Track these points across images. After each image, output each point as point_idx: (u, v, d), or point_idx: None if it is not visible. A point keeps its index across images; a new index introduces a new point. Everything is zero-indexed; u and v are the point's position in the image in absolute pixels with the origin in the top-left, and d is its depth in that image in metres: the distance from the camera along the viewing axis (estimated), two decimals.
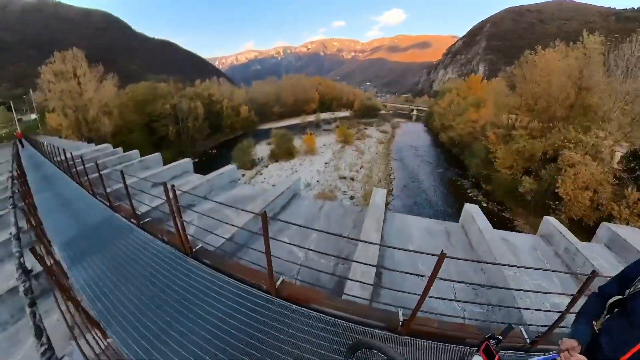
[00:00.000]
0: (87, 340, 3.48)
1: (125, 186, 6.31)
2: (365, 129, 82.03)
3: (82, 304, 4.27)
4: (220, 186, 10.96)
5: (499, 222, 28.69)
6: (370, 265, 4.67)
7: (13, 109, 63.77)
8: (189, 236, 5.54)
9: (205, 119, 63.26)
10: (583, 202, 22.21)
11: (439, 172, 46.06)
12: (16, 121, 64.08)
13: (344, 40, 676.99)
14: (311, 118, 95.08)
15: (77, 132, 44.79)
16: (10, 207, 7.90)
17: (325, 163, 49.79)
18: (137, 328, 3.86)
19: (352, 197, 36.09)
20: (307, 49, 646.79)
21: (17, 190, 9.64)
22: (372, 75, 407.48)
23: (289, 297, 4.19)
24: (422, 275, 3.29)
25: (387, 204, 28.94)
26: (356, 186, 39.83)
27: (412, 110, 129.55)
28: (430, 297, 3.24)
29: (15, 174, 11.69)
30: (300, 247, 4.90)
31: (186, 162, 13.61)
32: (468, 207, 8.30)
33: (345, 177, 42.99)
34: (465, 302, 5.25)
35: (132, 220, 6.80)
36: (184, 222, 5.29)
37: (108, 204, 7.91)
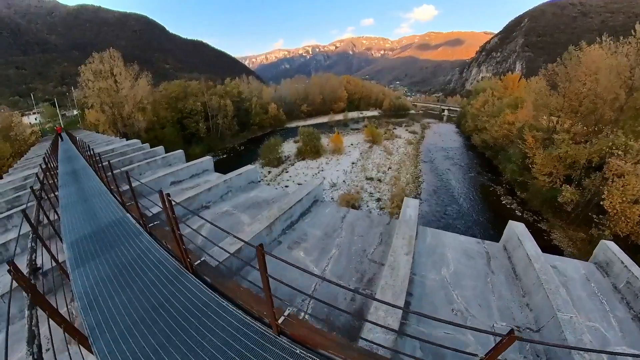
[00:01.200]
0: (70, 355, 3.17)
1: (131, 188, 5.71)
2: (394, 129, 79.56)
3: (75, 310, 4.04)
4: (238, 187, 10.26)
5: (534, 234, 26.37)
6: (396, 307, 3.50)
7: (57, 105, 69.06)
8: (195, 244, 5.02)
9: (234, 116, 64.11)
10: (632, 218, 19.65)
11: (470, 176, 43.35)
12: (59, 116, 69.10)
13: (372, 38, 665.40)
14: (339, 117, 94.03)
15: (113, 128, 46.76)
16: (36, 200, 7.61)
17: (352, 163, 48.46)
18: (125, 349, 3.48)
19: (378, 200, 34.51)
20: (336, 47, 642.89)
21: (46, 183, 9.45)
22: (402, 73, 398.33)
23: (294, 337, 3.41)
24: (475, 355, 2.27)
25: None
26: (383, 188, 38.12)
27: (443, 110, 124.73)
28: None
29: (46, 166, 11.67)
30: (312, 274, 3.97)
31: (207, 161, 13.06)
32: (513, 225, 7.11)
33: (372, 178, 41.41)
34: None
35: (141, 222, 6.16)
36: (193, 230, 4.91)
37: (121, 203, 7.34)
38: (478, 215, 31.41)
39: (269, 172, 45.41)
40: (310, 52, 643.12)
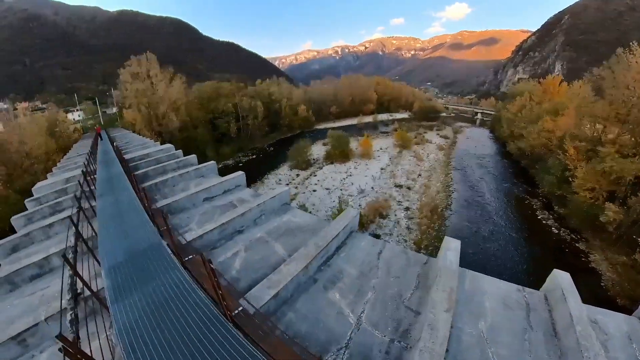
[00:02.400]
0: None
1: (166, 222, 5.32)
2: (425, 132, 76.87)
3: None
4: (271, 210, 9.87)
5: (571, 254, 24.21)
6: None
7: (98, 103, 73.82)
8: (231, 275, 5.05)
9: (264, 117, 64.78)
10: None
11: (504, 187, 40.73)
12: (100, 114, 73.51)
13: (403, 38, 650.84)
14: (368, 119, 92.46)
15: (149, 127, 48.36)
16: (76, 209, 7.48)
17: (381, 169, 47.16)
18: None
19: (407, 209, 33.21)
20: (365, 48, 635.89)
21: (85, 190, 9.43)
22: (433, 74, 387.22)
23: None
24: None
25: (444, 218, 25.49)
26: (412, 196, 36.71)
27: (476, 113, 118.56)
28: None
29: (87, 170, 11.79)
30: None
31: (239, 176, 12.78)
32: (558, 275, 6.53)
33: (401, 186, 39.98)
34: None
35: (176, 254, 5.75)
36: (227, 257, 4.72)
37: (156, 227, 7.00)
38: (511, 232, 29.11)
39: (297, 174, 45.18)
40: (340, 53, 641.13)
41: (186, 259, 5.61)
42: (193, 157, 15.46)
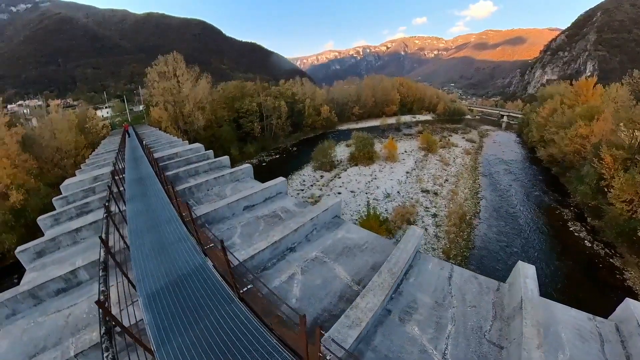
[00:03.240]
0: None
1: (223, 247, 4.14)
2: (450, 136, 74.12)
3: None
4: (323, 224, 8.77)
5: (605, 270, 22.28)
6: None
7: (126, 101, 76.32)
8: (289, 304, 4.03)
9: (287, 117, 64.46)
10: None
11: (534, 195, 38.23)
12: (127, 111, 75.72)
13: (425, 38, 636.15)
14: (391, 120, 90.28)
15: (175, 125, 48.76)
16: (104, 216, 6.58)
17: (407, 172, 45.45)
18: None
19: (434, 215, 31.66)
20: (387, 48, 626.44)
21: (114, 190, 8.61)
22: (457, 75, 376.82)
23: None
24: None
25: (472, 227, 23.66)
26: (440, 203, 35.09)
27: (502, 116, 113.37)
28: None
29: (115, 169, 11.08)
30: None
31: (281, 183, 11.81)
32: (631, 304, 5.89)
33: (428, 191, 38.36)
34: None
35: (232, 285, 4.62)
36: (282, 281, 4.48)
37: (199, 244, 5.92)
38: (542, 245, 27.05)
39: (321, 176, 44.19)
40: (361, 53, 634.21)
41: (244, 290, 4.48)
42: (225, 159, 14.56)
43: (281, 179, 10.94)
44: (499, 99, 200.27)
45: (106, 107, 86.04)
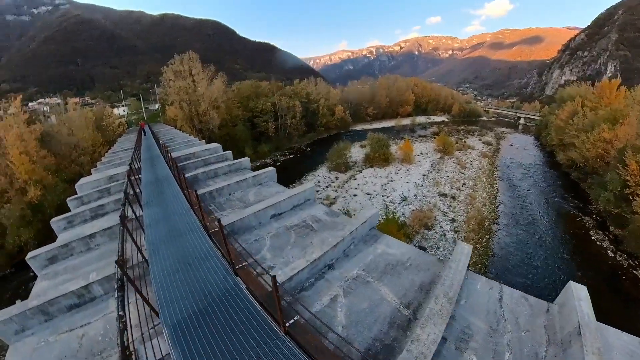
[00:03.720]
0: None
1: (275, 283, 3.46)
2: (466, 138, 72.01)
3: None
4: (361, 237, 7.93)
5: (629, 282, 21.14)
6: None
7: (142, 99, 77.68)
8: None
9: (302, 117, 63.97)
10: None
11: (554, 201, 36.59)
12: (143, 109, 77.22)
13: (440, 37, 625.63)
14: (406, 121, 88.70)
15: (190, 123, 48.77)
16: (120, 229, 5.87)
17: (423, 175, 44.21)
18: None
19: (452, 220, 30.57)
20: (401, 47, 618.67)
21: (130, 193, 7.95)
22: (471, 75, 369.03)
23: None
24: None
25: (491, 233, 22.51)
26: (458, 207, 33.94)
27: (519, 118, 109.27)
28: None
29: (131, 168, 10.49)
30: None
31: (309, 190, 10.93)
32: None
33: (445, 195, 37.18)
34: None
35: (279, 321, 3.78)
36: (324, 305, 4.02)
37: (229, 262, 5.12)
38: (563, 253, 25.81)
39: (336, 177, 43.36)
40: (374, 53, 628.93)
41: (289, 322, 3.65)
42: (246, 161, 13.78)
43: (310, 185, 10.03)
44: (515, 100, 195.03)
45: (123, 106, 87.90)
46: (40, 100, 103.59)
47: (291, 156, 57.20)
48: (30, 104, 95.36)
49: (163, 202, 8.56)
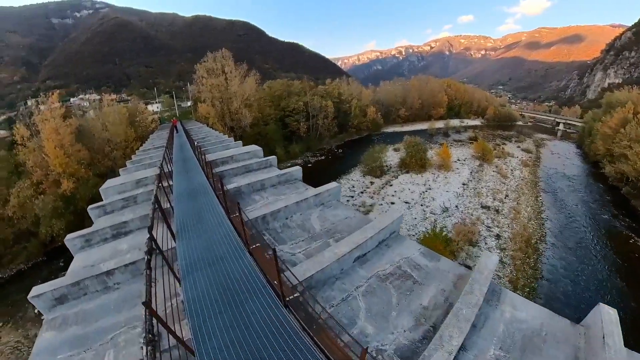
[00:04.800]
0: None
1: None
2: (504, 144, 66.82)
3: None
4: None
5: None
6: None
7: (174, 97, 79.66)
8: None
9: (334, 118, 62.23)
10: None
11: (603, 219, 32.81)
12: (176, 106, 79.60)
13: (472, 37, 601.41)
14: (439, 124, 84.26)
15: (221, 121, 48.10)
16: (147, 280, 3.79)
17: (463, 184, 40.85)
18: None
19: (497, 237, 27.76)
20: (431, 47, 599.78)
21: (157, 206, 5.90)
22: (505, 77, 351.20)
23: None
24: None
25: (539, 253, 19.47)
26: (502, 222, 30.86)
27: (558, 124, 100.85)
28: None
29: (162, 173, 8.59)
30: None
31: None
32: None
33: (488, 207, 34.00)
34: None
35: None
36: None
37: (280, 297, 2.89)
38: (614, 278, 23.05)
39: (372, 182, 40.92)
40: (404, 53, 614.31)
41: None
42: (297, 171, 11.23)
43: (397, 214, 7.42)
44: (552, 103, 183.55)
45: (156, 102, 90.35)
46: (81, 96, 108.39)
47: (322, 157, 55.41)
48: (72, 99, 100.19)
49: (203, 231, 6.40)
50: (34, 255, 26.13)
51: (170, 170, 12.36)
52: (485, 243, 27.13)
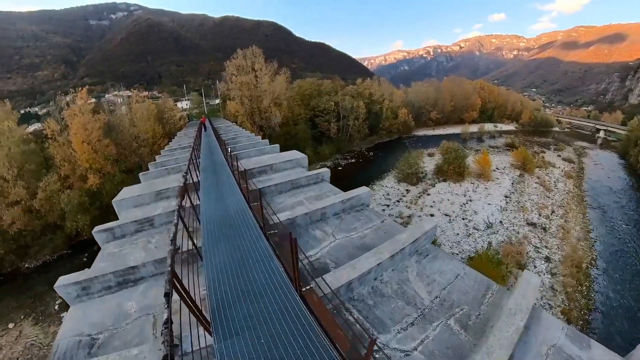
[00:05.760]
0: None
1: None
2: (543, 152, 61.11)
3: None
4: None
5: None
6: None
7: (203, 94, 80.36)
8: None
9: (365, 119, 60.07)
10: None
11: None
12: (205, 104, 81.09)
13: (504, 36, 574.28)
14: (473, 129, 79.38)
15: (250, 119, 46.90)
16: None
17: (505, 196, 37.09)
18: None
19: (547, 259, 24.92)
20: (460, 47, 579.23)
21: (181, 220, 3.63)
22: (539, 79, 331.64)
23: None
24: None
25: (590, 279, 13.54)
26: (551, 242, 27.51)
27: (598, 130, 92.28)
28: None
29: (188, 179, 6.37)
30: None
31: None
32: None
33: (534, 224, 30.39)
34: None
35: None
36: None
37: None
38: None
39: (407, 190, 38.01)
40: (432, 53, 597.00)
41: None
42: (365, 194, 8.26)
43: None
44: (591, 108, 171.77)
45: (186, 100, 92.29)
46: (115, 92, 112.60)
47: (353, 160, 53.06)
48: (106, 95, 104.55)
49: (247, 282, 3.92)
50: (60, 247, 26.88)
51: (197, 179, 10.21)
52: (535, 266, 24.28)
